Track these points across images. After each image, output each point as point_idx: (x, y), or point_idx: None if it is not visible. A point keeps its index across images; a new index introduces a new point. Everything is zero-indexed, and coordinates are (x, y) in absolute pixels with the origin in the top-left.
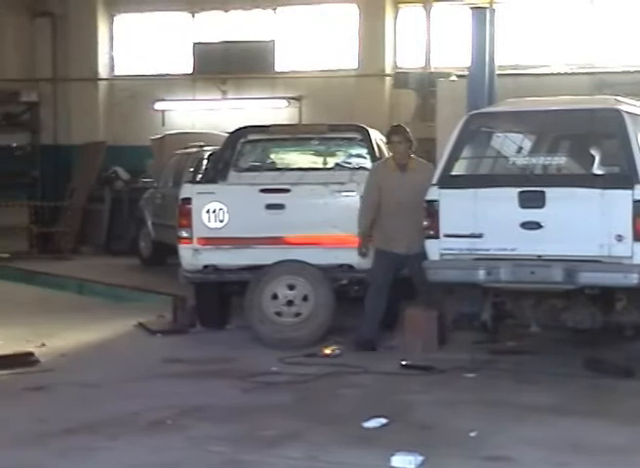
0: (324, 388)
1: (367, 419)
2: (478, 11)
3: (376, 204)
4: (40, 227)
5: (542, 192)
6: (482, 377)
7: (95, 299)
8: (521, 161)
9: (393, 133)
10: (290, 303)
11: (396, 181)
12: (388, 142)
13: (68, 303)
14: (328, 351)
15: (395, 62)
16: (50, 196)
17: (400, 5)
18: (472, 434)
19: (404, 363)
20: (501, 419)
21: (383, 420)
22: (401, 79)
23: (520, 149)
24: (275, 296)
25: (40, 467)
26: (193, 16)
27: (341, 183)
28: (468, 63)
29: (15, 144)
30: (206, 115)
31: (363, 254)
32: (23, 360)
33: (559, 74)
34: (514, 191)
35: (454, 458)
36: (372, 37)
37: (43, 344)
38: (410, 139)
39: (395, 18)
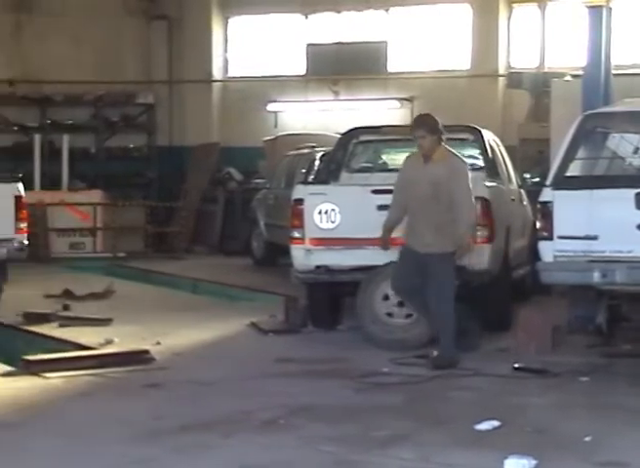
0: (435, 389)
1: (479, 422)
2: (594, 9)
3: (403, 197)
4: (155, 227)
5: None
6: (597, 381)
7: (208, 298)
8: (638, 162)
9: (415, 127)
10: (401, 304)
11: (418, 174)
12: (413, 137)
13: (183, 302)
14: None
15: (508, 62)
16: (165, 196)
17: (514, 4)
18: (587, 438)
19: (517, 365)
20: (616, 424)
21: (496, 423)
22: (514, 79)
23: (637, 150)
24: (386, 297)
25: (156, 463)
26: (306, 17)
27: None
28: (583, 63)
29: (132, 145)
30: (318, 116)
31: (384, 249)
32: (139, 357)
33: None
34: (631, 192)
35: (567, 463)
36: (485, 37)
37: (158, 342)
38: (436, 131)
39: (509, 17)
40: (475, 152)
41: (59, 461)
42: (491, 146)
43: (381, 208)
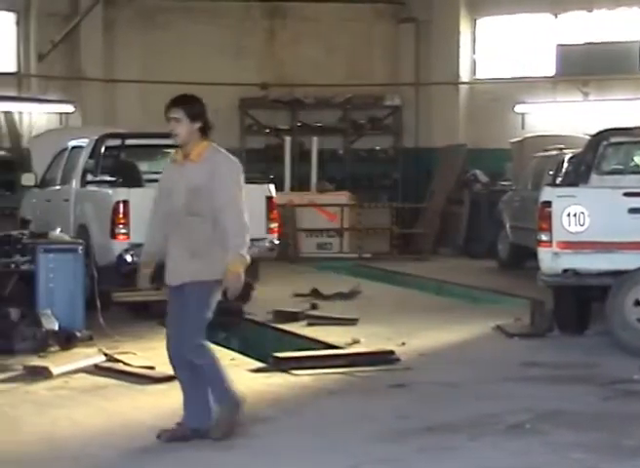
0: None
1: None
2: None
3: (161, 212)
4: (401, 228)
5: None
6: None
7: (452, 300)
8: None
9: (170, 106)
10: None
11: (174, 178)
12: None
13: (427, 303)
14: None
15: None
16: (410, 198)
17: None
18: None
19: None
20: None
21: None
22: None
23: None
24: (638, 303)
25: (401, 462)
26: (556, 16)
27: None
28: None
29: (378, 147)
30: (566, 117)
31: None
32: (385, 357)
33: None
34: None
35: None
36: None
37: (403, 343)
38: (198, 118)
39: None
40: None
41: (305, 456)
42: None
43: (633, 211)
